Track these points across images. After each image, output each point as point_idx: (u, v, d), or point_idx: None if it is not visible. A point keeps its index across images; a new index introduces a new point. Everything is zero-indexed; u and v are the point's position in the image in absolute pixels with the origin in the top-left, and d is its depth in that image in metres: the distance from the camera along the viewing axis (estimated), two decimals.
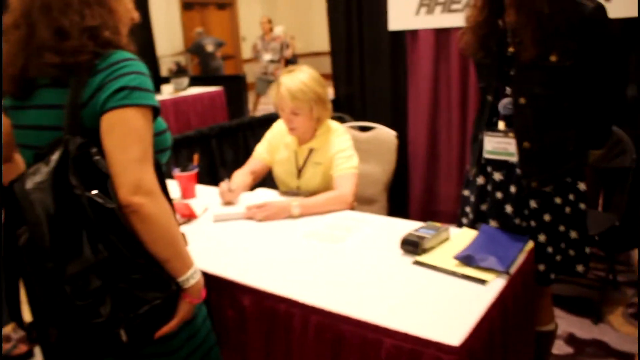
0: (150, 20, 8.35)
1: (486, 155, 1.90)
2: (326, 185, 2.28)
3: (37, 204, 1.14)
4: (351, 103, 4.10)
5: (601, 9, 1.68)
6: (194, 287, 1.32)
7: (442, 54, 3.64)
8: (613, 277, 3.01)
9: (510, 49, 1.78)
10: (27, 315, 1.37)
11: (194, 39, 9.64)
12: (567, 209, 1.86)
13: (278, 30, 9.09)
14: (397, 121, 3.85)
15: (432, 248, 1.70)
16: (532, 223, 1.85)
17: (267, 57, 8.44)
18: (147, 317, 1.26)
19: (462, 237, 1.77)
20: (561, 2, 1.65)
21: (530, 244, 1.72)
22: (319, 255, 1.74)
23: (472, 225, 1.97)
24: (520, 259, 1.62)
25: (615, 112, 1.85)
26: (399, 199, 3.94)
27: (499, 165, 1.89)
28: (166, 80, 7.02)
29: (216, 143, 3.38)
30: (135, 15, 1.42)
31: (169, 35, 10.25)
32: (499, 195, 1.89)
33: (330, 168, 2.26)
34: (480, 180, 1.95)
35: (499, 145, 1.87)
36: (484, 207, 1.95)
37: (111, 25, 1.29)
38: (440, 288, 1.49)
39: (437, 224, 1.78)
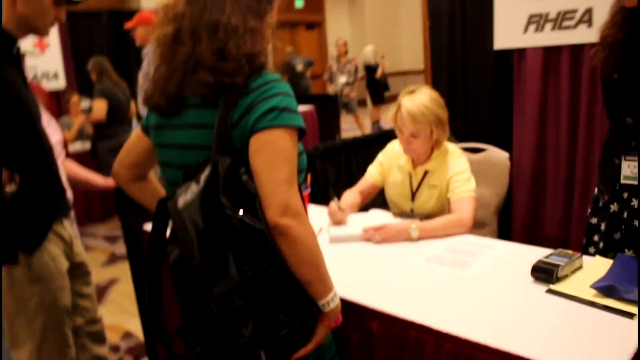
0: None
1: (624, 181, 1.80)
2: (441, 209, 2.24)
3: (189, 223, 1.16)
4: (454, 123, 4.02)
5: None
6: (333, 311, 1.32)
7: (551, 73, 3.51)
8: None
9: None
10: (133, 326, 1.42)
11: (285, 58, 9.83)
12: None
13: (368, 49, 9.14)
14: (501, 142, 3.73)
15: (566, 276, 1.62)
16: None
17: (342, 79, 8.50)
18: (287, 340, 1.27)
19: (596, 266, 1.68)
20: None
21: None
22: (445, 280, 1.70)
23: (602, 254, 1.86)
24: None
25: None
26: (501, 222, 3.82)
27: (637, 191, 1.79)
28: None
29: (320, 163, 3.41)
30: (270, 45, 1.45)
31: None
32: (636, 223, 1.79)
33: (446, 191, 2.22)
34: (613, 207, 1.86)
35: None
36: (617, 235, 1.85)
37: (265, 52, 1.33)
38: (581, 319, 1.41)
39: (569, 251, 1.70)
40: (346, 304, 1.60)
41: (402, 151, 2.28)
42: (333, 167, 3.50)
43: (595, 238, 1.95)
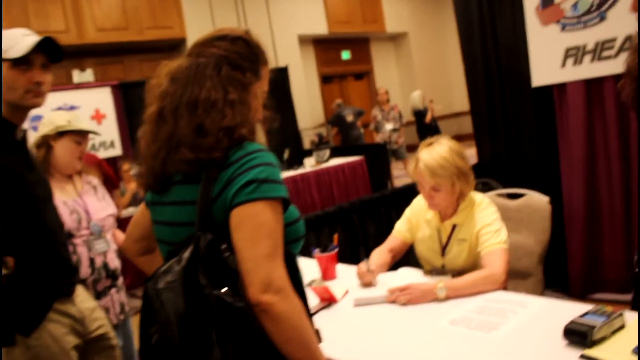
0: (292, 97, 8.79)
1: None
2: (473, 263, 2.11)
3: (168, 304, 1.14)
4: (496, 166, 3.88)
5: None
6: None
7: (595, 106, 3.34)
8: None
9: None
10: None
11: (334, 110, 9.90)
12: None
13: (415, 95, 9.08)
14: (548, 183, 3.56)
15: (604, 339, 1.45)
16: None
17: (389, 126, 8.51)
18: None
19: None
20: None
21: None
22: (471, 346, 1.56)
23: None
24: None
25: None
26: (556, 269, 3.58)
27: None
28: (309, 152, 7.23)
29: (357, 218, 3.33)
30: (262, 115, 1.41)
31: (310, 109, 10.66)
32: None
33: (476, 244, 2.08)
34: None
35: None
36: None
37: (249, 123, 1.30)
38: None
39: (609, 308, 1.53)
40: None
41: None
42: (372, 221, 3.40)
43: None
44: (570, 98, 3.40)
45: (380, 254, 2.28)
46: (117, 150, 7.17)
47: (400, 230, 2.34)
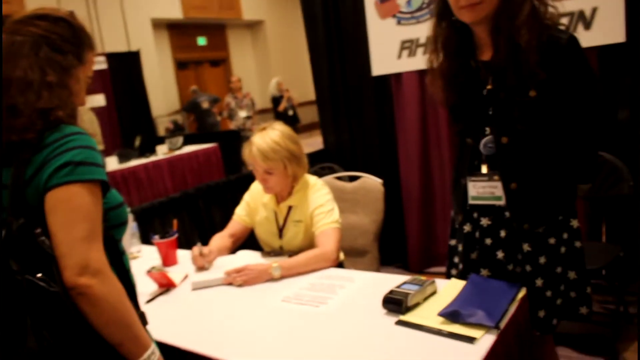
0: (145, 82, 8.47)
1: (471, 202, 1.81)
2: (309, 243, 2.19)
3: None
4: (340, 152, 4.05)
5: (574, 39, 1.62)
6: None
7: (427, 95, 3.58)
8: (624, 310, 2.86)
9: (488, 87, 1.71)
10: None
11: (189, 97, 9.72)
12: (562, 249, 1.76)
13: (273, 82, 9.16)
14: (387, 166, 3.78)
15: (417, 305, 1.59)
16: (527, 267, 1.75)
17: (242, 114, 8.56)
18: None
19: (449, 289, 1.66)
20: (538, 37, 1.59)
21: (522, 291, 1.61)
22: (301, 321, 1.64)
23: (462, 276, 1.86)
24: (512, 309, 1.51)
25: (600, 144, 1.76)
26: (396, 247, 3.83)
27: (485, 210, 1.80)
28: (162, 140, 7.05)
29: (203, 203, 3.31)
30: (84, 100, 1.38)
31: (164, 95, 10.36)
32: (488, 241, 1.80)
33: (311, 225, 2.17)
34: (467, 227, 1.86)
35: (484, 189, 1.78)
36: (474, 255, 1.85)
37: (68, 107, 1.26)
38: (426, 349, 1.38)
39: (422, 278, 1.68)
40: (193, 357, 1.52)
41: None
42: (218, 207, 3.40)
43: (455, 259, 1.94)
44: (405, 87, 3.63)
45: (220, 239, 2.31)
46: None
47: (240, 215, 2.38)
